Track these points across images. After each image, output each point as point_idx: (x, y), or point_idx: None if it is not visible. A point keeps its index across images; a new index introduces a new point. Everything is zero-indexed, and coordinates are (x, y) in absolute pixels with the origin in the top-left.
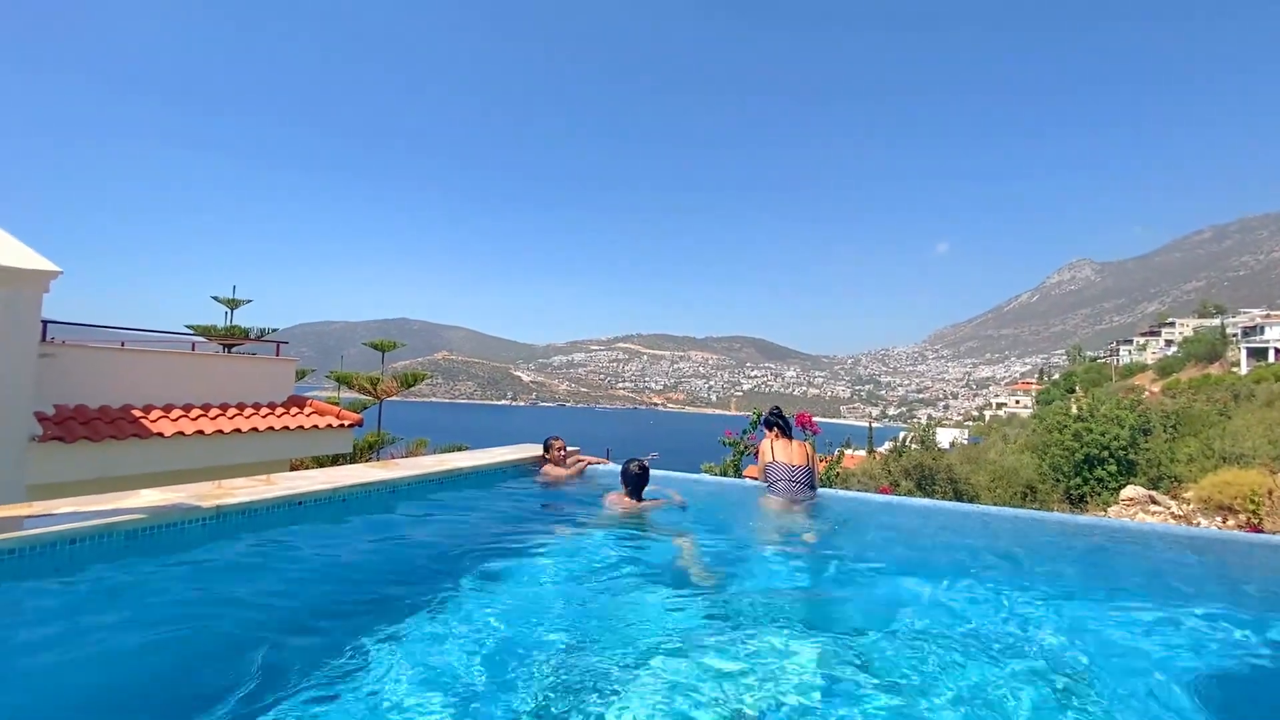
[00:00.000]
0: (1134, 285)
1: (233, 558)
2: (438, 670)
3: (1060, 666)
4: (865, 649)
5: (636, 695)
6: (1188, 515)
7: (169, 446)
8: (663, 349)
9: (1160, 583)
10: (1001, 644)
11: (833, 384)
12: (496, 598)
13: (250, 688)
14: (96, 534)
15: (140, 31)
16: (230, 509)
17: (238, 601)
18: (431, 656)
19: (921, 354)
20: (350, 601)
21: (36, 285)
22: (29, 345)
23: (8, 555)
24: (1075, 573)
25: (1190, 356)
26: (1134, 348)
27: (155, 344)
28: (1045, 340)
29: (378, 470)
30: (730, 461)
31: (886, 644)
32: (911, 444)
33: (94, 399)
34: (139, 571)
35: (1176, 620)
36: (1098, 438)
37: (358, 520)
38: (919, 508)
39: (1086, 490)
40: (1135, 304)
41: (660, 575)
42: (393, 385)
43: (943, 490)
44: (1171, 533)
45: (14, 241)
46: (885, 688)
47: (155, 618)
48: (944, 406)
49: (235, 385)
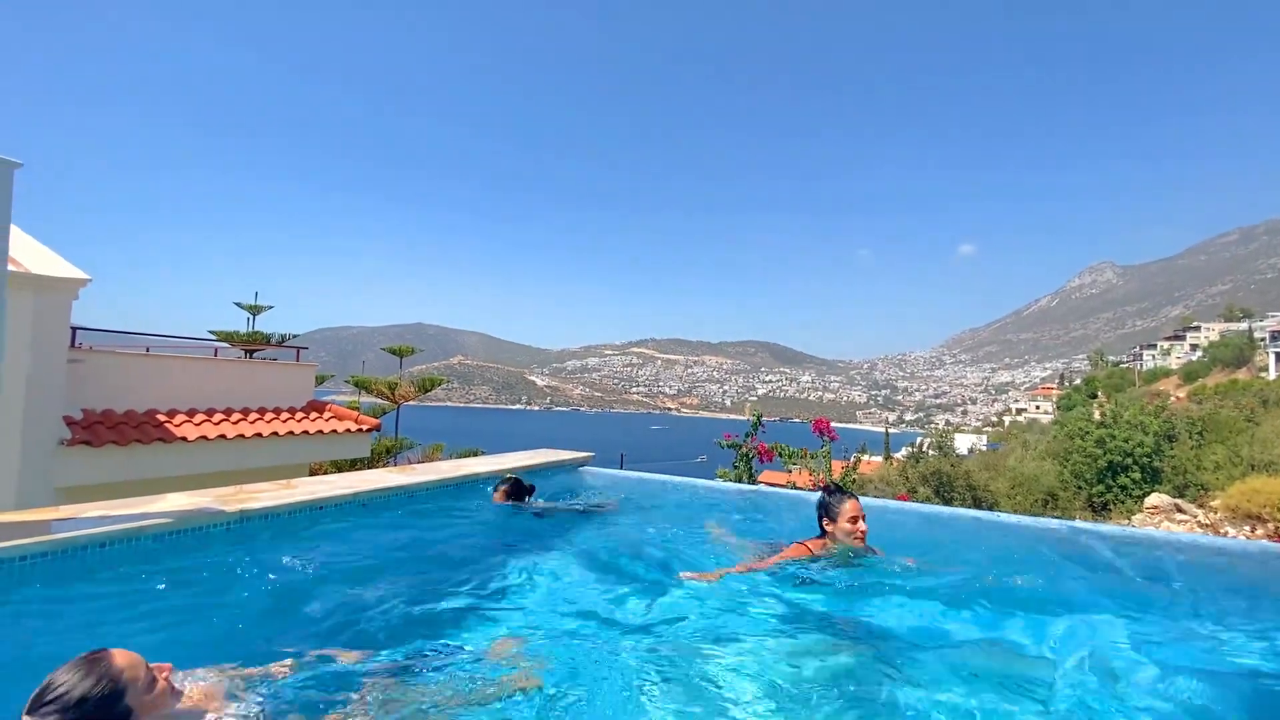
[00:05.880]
0: (1157, 288)
1: (255, 561)
2: (463, 671)
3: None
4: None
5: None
6: (1215, 524)
7: (192, 450)
8: (676, 354)
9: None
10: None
11: (848, 389)
12: (514, 601)
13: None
14: (125, 537)
15: (160, 42)
16: (253, 513)
17: (259, 607)
18: (450, 658)
19: (939, 358)
20: (368, 607)
21: (66, 293)
22: (58, 351)
23: (40, 559)
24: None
25: (1216, 361)
26: (1158, 352)
27: (179, 349)
28: (1066, 345)
29: (396, 475)
30: (739, 468)
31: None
32: (929, 450)
33: (120, 404)
34: (166, 574)
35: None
36: (1121, 444)
37: (376, 524)
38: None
39: (1110, 498)
40: (1159, 308)
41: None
42: (410, 390)
43: (961, 497)
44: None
45: (45, 250)
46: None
47: (177, 620)
48: (962, 412)
49: (256, 390)
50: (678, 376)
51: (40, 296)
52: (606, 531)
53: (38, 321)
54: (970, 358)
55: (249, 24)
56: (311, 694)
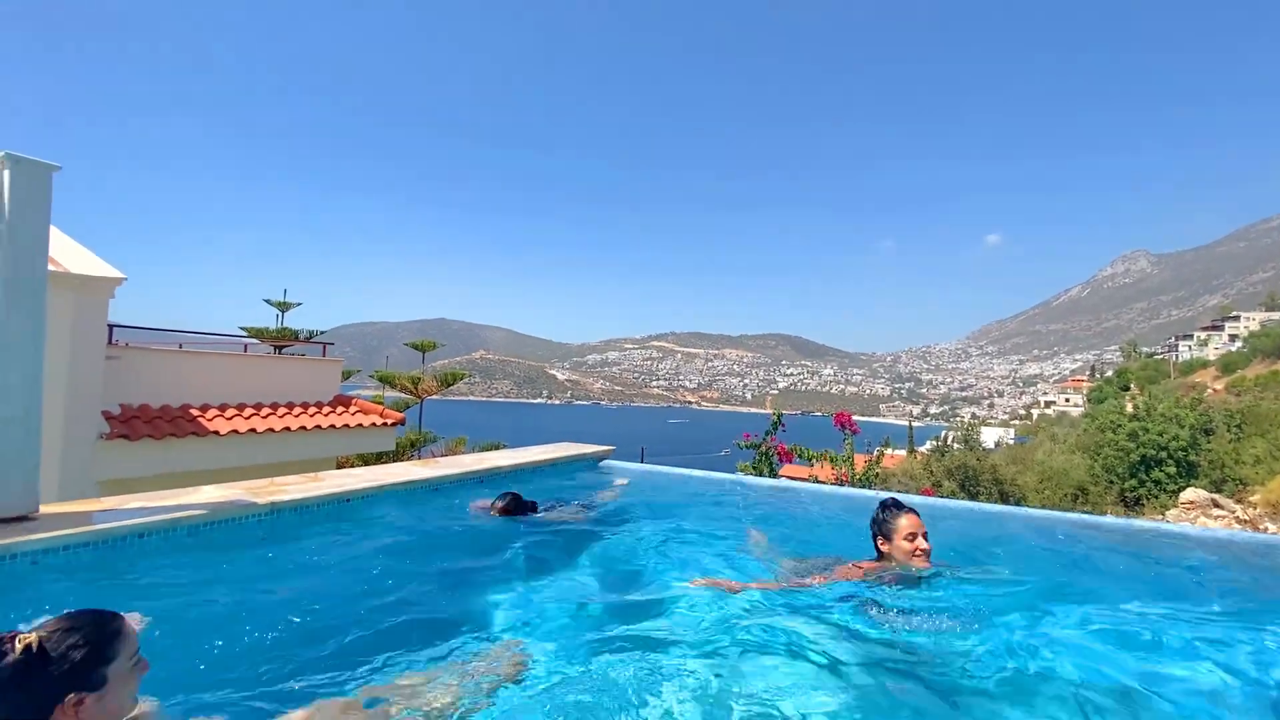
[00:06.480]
0: (1194, 277)
1: (286, 552)
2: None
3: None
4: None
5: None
6: (1254, 520)
7: (224, 444)
8: (697, 347)
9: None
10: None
11: (871, 382)
12: (538, 592)
13: (300, 683)
14: (163, 529)
15: (197, 53)
16: (284, 505)
17: (288, 596)
18: (472, 643)
19: (965, 350)
20: (394, 597)
21: (104, 291)
22: (97, 348)
23: (82, 548)
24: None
25: (1257, 352)
26: (1194, 343)
27: (210, 346)
28: (1097, 336)
29: (420, 468)
30: (759, 466)
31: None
32: (954, 444)
33: (155, 399)
34: (202, 565)
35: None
36: (1155, 438)
37: (402, 517)
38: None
39: (1143, 493)
40: (1195, 297)
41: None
42: (433, 385)
43: (987, 492)
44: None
45: (83, 250)
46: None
47: (210, 607)
48: (988, 405)
49: (285, 385)
50: (698, 370)
51: (79, 295)
52: (619, 531)
53: (77, 319)
54: (997, 349)
55: (273, 38)
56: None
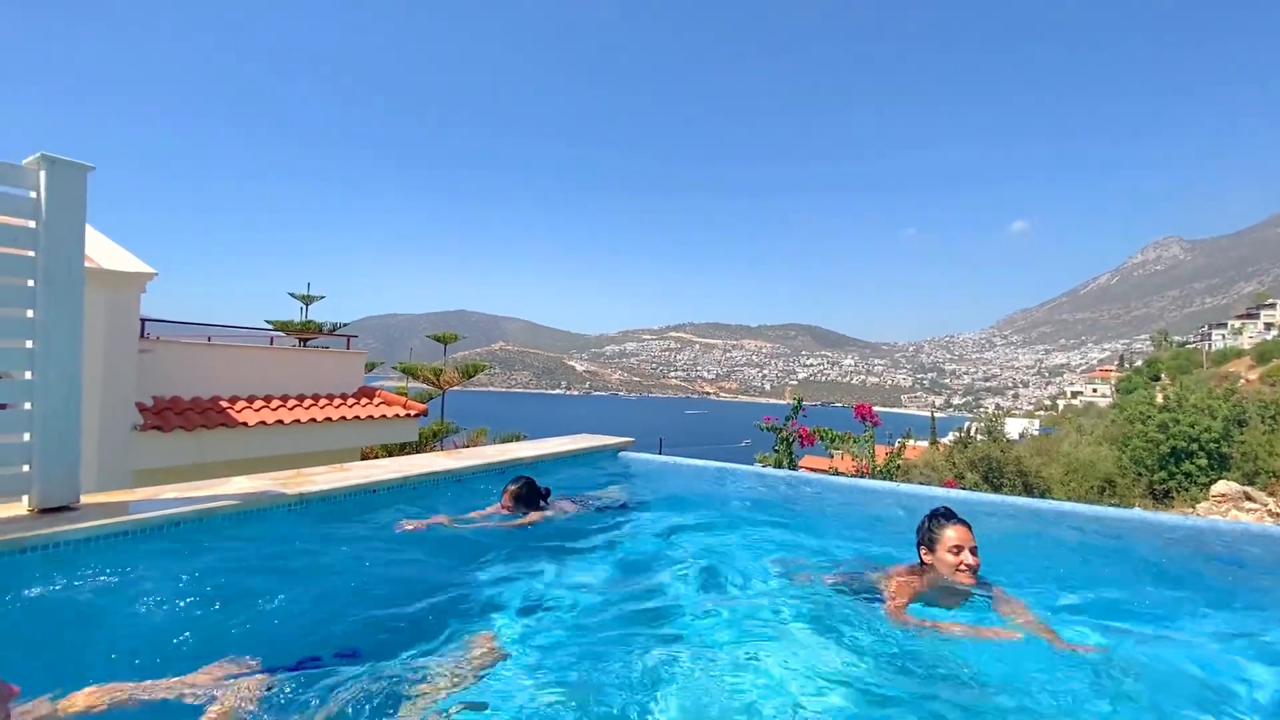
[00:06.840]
0: (1228, 264)
1: (315, 543)
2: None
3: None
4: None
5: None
6: None
7: (252, 435)
8: (715, 338)
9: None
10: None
11: (893, 372)
12: (559, 581)
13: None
14: (196, 518)
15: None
16: (312, 496)
17: (317, 589)
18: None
19: (989, 340)
20: (421, 588)
21: (135, 287)
22: (130, 342)
23: (120, 537)
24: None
25: None
26: (1228, 332)
27: (238, 339)
28: (1126, 325)
29: (444, 459)
30: (779, 452)
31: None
32: (977, 435)
33: (186, 391)
34: (233, 553)
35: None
36: (1186, 429)
37: (427, 508)
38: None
39: (1173, 485)
40: (1229, 284)
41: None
42: (454, 376)
43: (1011, 484)
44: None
45: (116, 246)
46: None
47: (239, 598)
48: (1013, 395)
49: (310, 377)
50: (716, 361)
51: (113, 291)
52: (638, 523)
53: (111, 314)
54: (1022, 339)
55: (298, 46)
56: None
